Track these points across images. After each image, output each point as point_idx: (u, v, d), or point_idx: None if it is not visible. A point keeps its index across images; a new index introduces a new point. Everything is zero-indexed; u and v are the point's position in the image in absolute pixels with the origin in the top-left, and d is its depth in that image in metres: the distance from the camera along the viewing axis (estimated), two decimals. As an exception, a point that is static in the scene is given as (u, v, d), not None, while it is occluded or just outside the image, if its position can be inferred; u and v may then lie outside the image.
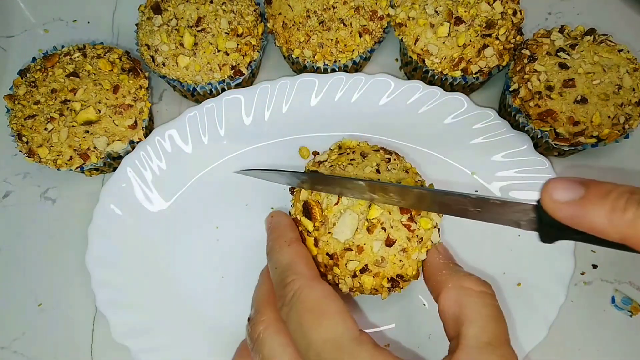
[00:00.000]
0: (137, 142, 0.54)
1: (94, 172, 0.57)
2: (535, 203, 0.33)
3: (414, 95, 0.55)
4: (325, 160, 0.47)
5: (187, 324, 0.50)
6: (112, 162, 0.55)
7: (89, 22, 0.65)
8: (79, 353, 0.52)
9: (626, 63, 0.49)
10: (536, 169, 0.52)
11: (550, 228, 0.32)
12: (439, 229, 0.44)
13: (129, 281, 0.50)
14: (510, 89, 0.53)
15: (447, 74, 0.54)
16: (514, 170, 0.53)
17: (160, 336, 0.49)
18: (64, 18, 0.65)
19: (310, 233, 0.43)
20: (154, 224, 0.53)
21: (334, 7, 0.53)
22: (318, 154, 0.55)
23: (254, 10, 0.56)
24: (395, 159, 0.46)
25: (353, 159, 0.45)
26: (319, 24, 0.53)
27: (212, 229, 0.53)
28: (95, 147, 0.51)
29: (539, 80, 0.50)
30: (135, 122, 0.53)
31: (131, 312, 0.49)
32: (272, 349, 0.36)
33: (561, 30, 0.53)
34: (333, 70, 0.56)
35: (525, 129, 0.53)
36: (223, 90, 0.57)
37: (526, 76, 0.51)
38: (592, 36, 0.51)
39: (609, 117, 0.48)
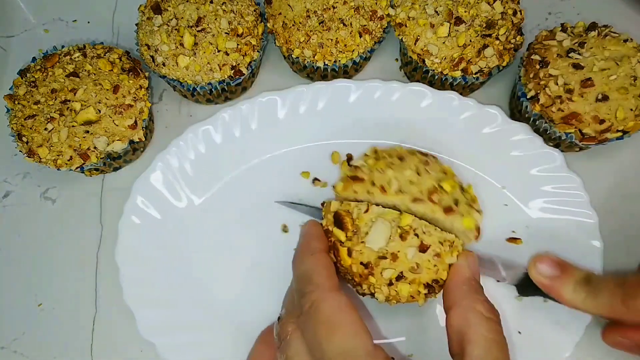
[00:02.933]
0: (137, 142, 0.54)
1: (94, 172, 0.57)
2: (526, 270, 0.45)
3: (449, 105, 0.53)
4: (363, 165, 0.46)
5: (214, 322, 0.50)
6: (112, 162, 0.55)
7: (89, 22, 0.65)
8: (78, 353, 0.52)
9: (634, 52, 0.50)
10: (567, 186, 0.51)
11: (529, 287, 0.45)
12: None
13: (157, 277, 0.50)
14: (528, 97, 0.52)
15: (447, 74, 0.54)
16: (549, 186, 0.52)
17: (187, 334, 0.49)
18: (64, 18, 0.65)
19: (343, 243, 0.42)
20: (183, 221, 0.53)
21: (334, 7, 0.53)
22: (352, 157, 0.55)
23: (254, 10, 0.56)
24: (433, 161, 0.46)
25: (392, 163, 0.45)
26: (319, 24, 0.53)
27: (242, 228, 0.53)
28: (95, 147, 0.51)
29: (557, 84, 0.49)
30: (135, 122, 0.53)
31: (158, 309, 0.49)
32: (297, 353, 0.37)
33: (563, 28, 0.53)
34: (333, 70, 0.56)
35: (547, 132, 0.53)
36: (223, 90, 0.57)
37: (542, 82, 0.50)
38: (596, 31, 0.51)
39: (631, 109, 0.48)
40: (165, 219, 0.52)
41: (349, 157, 0.55)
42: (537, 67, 0.51)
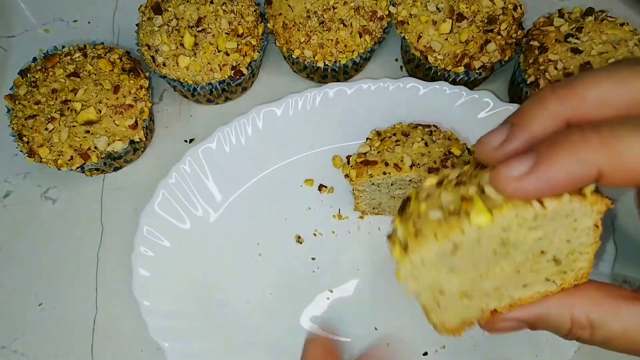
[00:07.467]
0: (138, 142, 0.54)
1: (95, 172, 0.57)
2: None
3: (442, 94, 0.54)
4: (370, 150, 0.46)
5: (226, 335, 0.50)
6: (113, 162, 0.55)
7: (89, 22, 0.65)
8: (79, 353, 0.52)
9: (631, 36, 0.50)
10: None
11: None
12: None
13: (172, 288, 0.51)
14: (528, 82, 0.52)
15: (450, 70, 0.53)
16: None
17: (199, 343, 0.49)
18: (64, 18, 0.65)
19: None
20: (194, 242, 0.53)
21: (334, 8, 0.53)
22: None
23: (254, 11, 0.56)
24: (435, 130, 0.47)
25: (398, 140, 0.46)
26: (319, 24, 0.53)
27: (254, 244, 0.54)
28: (95, 147, 0.51)
29: (556, 69, 0.50)
30: (136, 122, 0.53)
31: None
32: None
33: (561, 14, 0.53)
34: (333, 71, 0.56)
35: None
36: (223, 90, 0.57)
37: (542, 67, 0.51)
38: (593, 16, 0.52)
39: None
40: (176, 243, 0.52)
41: (349, 159, 0.55)
42: (536, 52, 0.51)
